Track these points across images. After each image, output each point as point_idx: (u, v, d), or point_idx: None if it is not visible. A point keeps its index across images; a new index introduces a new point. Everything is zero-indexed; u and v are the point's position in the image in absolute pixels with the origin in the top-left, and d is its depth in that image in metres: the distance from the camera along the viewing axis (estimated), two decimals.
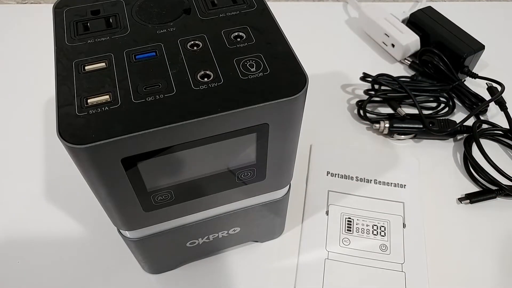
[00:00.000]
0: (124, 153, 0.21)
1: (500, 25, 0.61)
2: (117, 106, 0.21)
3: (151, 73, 0.23)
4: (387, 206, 0.42)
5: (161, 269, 0.38)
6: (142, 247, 0.32)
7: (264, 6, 0.27)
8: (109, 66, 0.23)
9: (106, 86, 0.22)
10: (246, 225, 0.35)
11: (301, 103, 0.24)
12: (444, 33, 0.52)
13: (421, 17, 0.54)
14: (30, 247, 0.40)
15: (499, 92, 0.48)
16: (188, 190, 0.27)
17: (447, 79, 0.50)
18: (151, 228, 0.30)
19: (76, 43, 0.24)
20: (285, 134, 0.25)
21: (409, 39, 0.53)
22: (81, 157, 0.21)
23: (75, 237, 0.40)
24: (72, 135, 0.20)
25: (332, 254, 0.39)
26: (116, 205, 0.25)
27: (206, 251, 0.38)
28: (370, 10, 0.57)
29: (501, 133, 0.48)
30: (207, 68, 0.23)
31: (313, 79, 0.24)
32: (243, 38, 0.25)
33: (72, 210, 0.42)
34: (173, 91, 0.22)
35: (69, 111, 0.21)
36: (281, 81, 0.23)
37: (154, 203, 0.26)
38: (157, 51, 0.24)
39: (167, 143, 0.22)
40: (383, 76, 0.50)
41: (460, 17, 0.54)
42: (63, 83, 0.22)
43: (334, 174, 0.45)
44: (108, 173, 0.22)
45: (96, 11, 0.26)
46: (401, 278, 0.38)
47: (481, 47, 0.50)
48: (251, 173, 0.28)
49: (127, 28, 0.25)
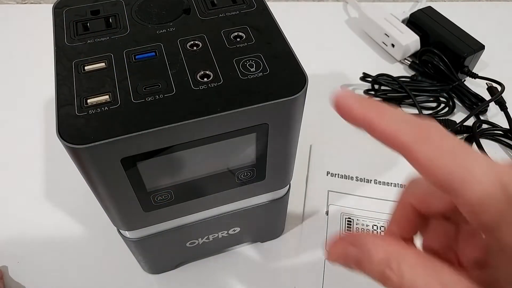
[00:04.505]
0: (123, 153, 0.21)
1: (500, 25, 0.61)
2: (117, 106, 0.21)
3: (151, 73, 0.23)
4: (387, 206, 0.42)
5: (161, 269, 0.38)
6: (142, 247, 0.32)
7: (264, 6, 0.27)
8: (109, 66, 0.23)
9: (105, 86, 0.22)
10: (246, 225, 0.35)
11: (301, 103, 0.24)
12: (444, 33, 0.52)
13: (421, 17, 0.54)
14: (30, 247, 0.40)
15: (499, 92, 0.48)
16: (188, 190, 0.27)
17: (447, 79, 0.50)
18: (151, 228, 0.30)
19: (76, 43, 0.24)
20: (285, 134, 0.25)
21: (409, 39, 0.53)
22: (81, 157, 0.21)
23: (75, 237, 0.40)
24: (72, 135, 0.20)
25: None
26: (116, 205, 0.25)
27: (206, 251, 0.38)
28: (370, 10, 0.57)
29: (501, 133, 0.48)
30: (206, 68, 0.23)
31: (313, 79, 0.24)
32: (243, 38, 0.25)
33: (72, 210, 0.42)
34: (173, 91, 0.22)
35: (69, 111, 0.21)
36: (281, 81, 0.23)
37: (154, 203, 0.26)
38: (156, 51, 0.24)
39: (166, 143, 0.22)
40: (383, 76, 0.50)
41: (460, 17, 0.54)
42: (63, 83, 0.22)
43: (334, 174, 0.45)
44: (108, 173, 0.22)
45: (96, 11, 0.26)
46: None
47: (481, 47, 0.50)
48: (251, 173, 0.28)
49: (127, 28, 0.25)
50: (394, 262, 0.18)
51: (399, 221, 0.22)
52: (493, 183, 0.15)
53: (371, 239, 0.19)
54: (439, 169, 0.16)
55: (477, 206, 0.15)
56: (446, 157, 0.16)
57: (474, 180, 0.15)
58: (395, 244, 0.18)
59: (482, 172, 0.15)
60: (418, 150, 0.16)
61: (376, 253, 0.18)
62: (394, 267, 0.17)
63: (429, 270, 0.17)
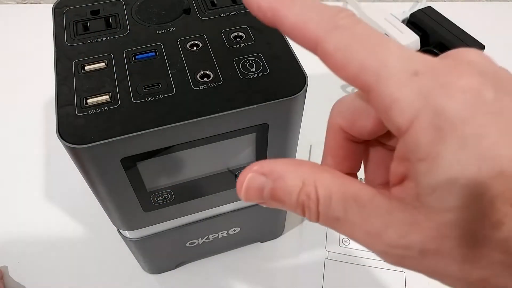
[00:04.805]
0: (123, 153, 0.21)
1: (500, 25, 0.61)
2: (117, 106, 0.21)
3: (151, 73, 0.23)
4: None
5: (161, 269, 0.38)
6: (142, 247, 0.32)
7: None
8: (109, 66, 0.23)
9: (105, 86, 0.22)
10: (246, 225, 0.35)
11: (301, 103, 0.24)
12: (444, 33, 0.52)
13: (421, 17, 0.54)
14: (30, 247, 0.40)
15: None
16: (188, 190, 0.27)
17: None
18: (151, 228, 0.30)
19: (76, 43, 0.24)
20: (284, 134, 0.25)
21: (409, 39, 0.53)
22: (81, 157, 0.21)
23: (75, 237, 0.40)
24: (72, 135, 0.20)
25: (332, 254, 0.39)
26: (116, 205, 0.25)
27: (206, 251, 0.38)
28: (370, 10, 0.57)
29: None
30: (206, 68, 0.23)
31: (313, 79, 0.24)
32: (243, 38, 0.25)
33: (72, 210, 0.42)
34: (173, 91, 0.22)
35: (69, 111, 0.21)
36: (281, 81, 0.23)
37: (154, 203, 0.26)
38: (156, 51, 0.24)
39: (166, 143, 0.22)
40: None
41: (460, 17, 0.54)
42: (63, 83, 0.22)
43: None
44: (107, 173, 0.22)
45: (96, 11, 0.26)
46: (401, 278, 0.38)
47: (481, 47, 0.50)
48: None
49: (126, 28, 0.25)
50: (310, 186, 0.16)
51: (333, 151, 0.19)
52: (408, 78, 0.13)
53: (282, 164, 0.16)
54: (350, 61, 0.14)
55: (391, 104, 0.14)
56: (358, 46, 0.14)
57: (388, 73, 0.14)
58: (310, 167, 0.16)
59: (397, 64, 0.14)
60: (327, 41, 0.14)
61: (290, 179, 0.16)
62: (310, 192, 0.16)
63: (344, 193, 0.15)
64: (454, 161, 0.13)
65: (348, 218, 0.15)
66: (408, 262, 0.15)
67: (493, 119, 0.13)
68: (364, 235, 0.15)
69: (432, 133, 0.13)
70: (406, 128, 0.14)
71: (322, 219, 0.16)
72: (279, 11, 0.16)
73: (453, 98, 0.13)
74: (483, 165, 0.12)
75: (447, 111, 0.13)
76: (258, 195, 0.17)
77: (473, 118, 0.13)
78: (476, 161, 0.12)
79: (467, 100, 0.13)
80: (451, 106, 0.13)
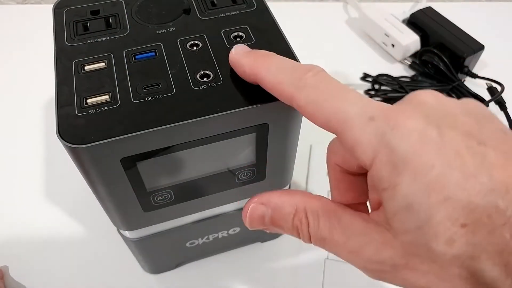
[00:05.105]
0: (123, 153, 0.21)
1: (500, 25, 0.61)
2: (117, 106, 0.21)
3: (151, 73, 0.23)
4: None
5: (161, 269, 0.38)
6: (142, 247, 0.32)
7: (264, 6, 0.27)
8: (109, 66, 0.23)
9: (105, 86, 0.22)
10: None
11: None
12: (444, 33, 0.52)
13: (421, 18, 0.54)
14: (30, 247, 0.40)
15: (499, 92, 0.48)
16: (188, 190, 0.27)
17: (447, 79, 0.50)
18: (151, 228, 0.30)
19: (76, 43, 0.24)
20: (285, 134, 0.25)
21: (409, 39, 0.53)
22: (81, 157, 0.21)
23: (75, 237, 0.40)
24: (71, 135, 0.20)
25: (332, 254, 0.39)
26: (116, 205, 0.25)
27: (206, 251, 0.38)
28: (370, 10, 0.57)
29: None
30: (206, 68, 0.23)
31: None
32: (243, 38, 0.25)
33: (72, 210, 0.42)
34: (173, 91, 0.22)
35: (69, 111, 0.21)
36: None
37: (154, 203, 0.26)
38: (156, 51, 0.24)
39: (166, 143, 0.22)
40: (383, 76, 0.50)
41: (460, 17, 0.54)
42: (63, 83, 0.22)
43: None
44: (107, 173, 0.22)
45: (96, 11, 0.26)
46: None
47: (481, 47, 0.50)
48: (251, 173, 0.27)
49: (126, 28, 0.25)
50: (301, 212, 0.19)
51: (336, 185, 0.22)
52: (365, 123, 0.16)
53: (277, 195, 0.20)
54: (319, 113, 0.17)
55: (355, 146, 0.16)
56: (323, 100, 0.17)
57: (350, 120, 0.16)
58: (301, 196, 0.19)
59: (356, 113, 0.16)
60: (299, 97, 0.17)
61: (284, 208, 0.19)
62: (301, 218, 0.19)
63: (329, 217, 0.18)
64: (409, 191, 0.15)
65: (334, 238, 0.18)
66: (384, 275, 0.18)
67: (437, 153, 0.15)
68: (346, 253, 0.18)
69: (390, 168, 0.15)
70: (370, 164, 0.16)
71: (313, 239, 0.19)
72: (259, 74, 0.19)
73: (402, 138, 0.15)
74: (432, 193, 0.14)
75: (398, 149, 0.15)
76: (261, 222, 0.20)
77: (420, 153, 0.15)
78: (426, 190, 0.14)
79: (414, 139, 0.15)
80: (401, 145, 0.15)
